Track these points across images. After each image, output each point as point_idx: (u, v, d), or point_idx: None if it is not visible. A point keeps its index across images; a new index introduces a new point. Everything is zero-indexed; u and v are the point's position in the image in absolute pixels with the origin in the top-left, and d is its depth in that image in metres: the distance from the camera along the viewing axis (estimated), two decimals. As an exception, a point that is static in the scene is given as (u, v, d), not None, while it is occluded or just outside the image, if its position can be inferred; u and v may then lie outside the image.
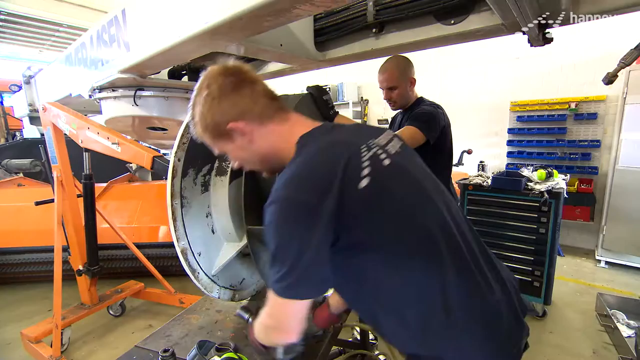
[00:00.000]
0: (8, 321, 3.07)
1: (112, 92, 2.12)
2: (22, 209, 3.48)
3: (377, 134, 0.93)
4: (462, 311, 0.79)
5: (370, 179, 0.77)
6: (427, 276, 0.79)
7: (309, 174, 0.78)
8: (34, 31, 7.21)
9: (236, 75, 0.86)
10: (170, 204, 1.25)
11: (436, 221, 0.83)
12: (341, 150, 0.81)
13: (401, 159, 0.88)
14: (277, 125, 0.89)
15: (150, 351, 1.32)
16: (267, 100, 0.88)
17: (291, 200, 0.74)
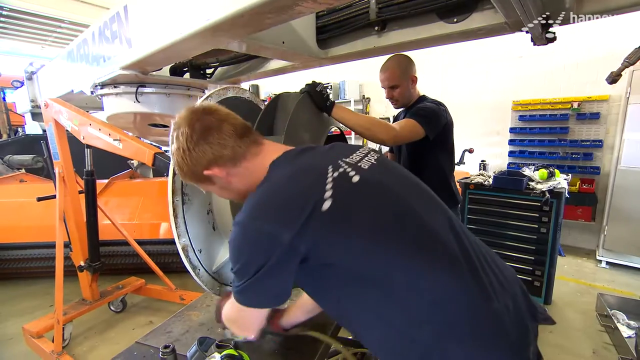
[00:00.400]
0: (10, 316, 3.09)
1: (113, 88, 2.11)
2: (24, 204, 3.50)
3: (350, 152, 0.94)
4: (456, 322, 0.76)
5: (332, 201, 0.77)
6: (410, 289, 0.77)
7: (272, 202, 0.80)
8: (36, 27, 7.21)
9: (201, 122, 0.87)
10: (172, 200, 1.26)
11: (418, 230, 0.82)
12: (306, 176, 0.83)
13: (374, 173, 0.88)
14: (249, 161, 0.91)
15: (151, 347, 1.33)
16: (236, 140, 0.88)
17: (253, 227, 0.77)
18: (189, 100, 2.29)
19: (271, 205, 0.79)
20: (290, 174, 0.85)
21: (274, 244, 0.74)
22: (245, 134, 0.90)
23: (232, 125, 0.89)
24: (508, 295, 0.83)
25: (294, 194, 0.79)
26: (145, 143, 1.85)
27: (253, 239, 0.77)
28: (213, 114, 0.89)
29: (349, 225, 0.77)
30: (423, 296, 0.77)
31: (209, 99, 1.40)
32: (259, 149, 0.92)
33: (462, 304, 0.77)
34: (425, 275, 0.77)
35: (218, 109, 0.91)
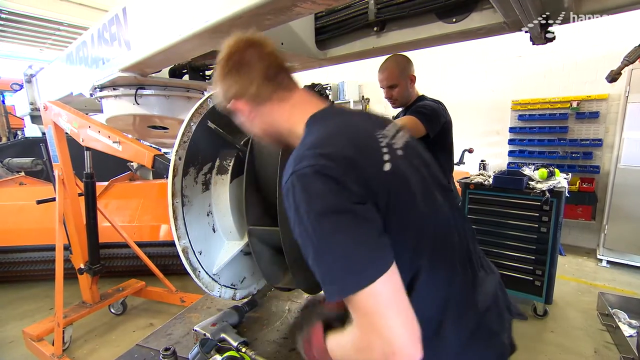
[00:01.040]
0: (10, 319, 3.08)
1: (113, 90, 2.11)
2: (23, 207, 3.49)
3: (384, 124, 0.89)
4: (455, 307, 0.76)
5: (391, 165, 0.72)
6: (429, 273, 0.74)
7: (329, 146, 0.72)
8: (35, 30, 7.22)
9: (239, 54, 0.85)
10: (171, 202, 1.25)
11: (438, 219, 0.81)
12: (359, 130, 0.80)
13: (409, 151, 0.84)
14: (274, 105, 0.87)
15: (152, 350, 1.32)
16: (264, 80, 0.85)
17: (314, 172, 0.66)
18: (188, 102, 2.28)
19: (330, 150, 0.70)
20: (342, 126, 0.80)
21: (343, 186, 0.65)
22: (277, 77, 0.86)
23: (266, 65, 0.85)
24: (492, 285, 0.87)
25: (352, 143, 0.73)
26: (145, 145, 1.84)
27: (319, 183, 0.65)
28: (254, 48, 0.85)
29: (401, 194, 0.72)
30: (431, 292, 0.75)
31: (208, 101, 1.39)
32: (287, 95, 0.88)
33: (455, 291, 0.77)
34: (436, 276, 0.75)
35: (262, 44, 0.86)
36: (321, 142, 0.74)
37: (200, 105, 1.36)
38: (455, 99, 5.25)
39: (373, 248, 0.63)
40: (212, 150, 1.45)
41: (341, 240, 0.62)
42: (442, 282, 0.76)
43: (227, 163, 1.46)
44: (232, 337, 1.24)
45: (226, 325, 1.33)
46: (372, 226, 0.65)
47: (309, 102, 0.89)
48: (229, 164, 1.45)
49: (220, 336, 1.25)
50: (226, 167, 1.46)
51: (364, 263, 0.61)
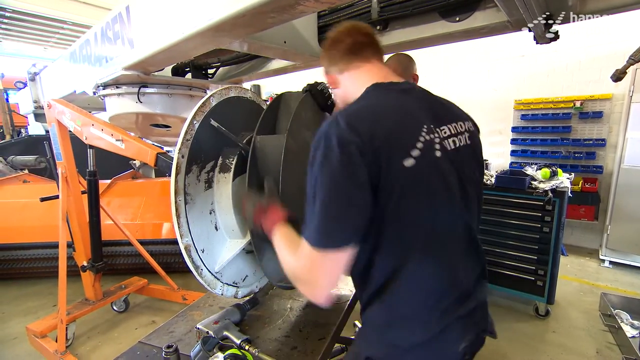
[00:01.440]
0: (14, 316, 3.10)
1: (116, 89, 2.12)
2: (27, 205, 3.51)
3: (448, 121, 0.91)
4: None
5: (415, 162, 0.77)
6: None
7: (365, 121, 0.78)
8: (38, 28, 7.25)
9: (339, 34, 0.99)
10: (174, 200, 1.25)
11: (445, 223, 0.84)
12: (406, 116, 0.84)
13: (453, 158, 0.86)
14: (350, 73, 0.99)
15: (154, 347, 1.33)
16: (347, 55, 0.98)
17: (338, 140, 0.74)
18: (190, 100, 2.29)
19: (366, 119, 0.78)
20: (393, 104, 0.86)
21: (352, 150, 0.72)
22: (352, 53, 0.97)
23: (352, 41, 0.97)
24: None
25: (389, 124, 0.79)
26: (148, 143, 1.85)
27: (334, 140, 0.74)
28: (346, 32, 0.99)
29: (417, 192, 0.78)
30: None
31: (211, 100, 1.40)
32: (362, 64, 0.98)
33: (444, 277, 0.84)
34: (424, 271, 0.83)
35: (364, 33, 0.99)
36: (362, 113, 0.81)
37: (203, 103, 1.36)
38: (457, 98, 5.17)
39: (345, 229, 0.74)
40: (214, 148, 1.45)
41: (327, 206, 0.74)
42: (429, 277, 0.82)
43: (229, 161, 1.46)
44: (234, 335, 1.25)
45: (228, 323, 1.33)
46: (356, 211, 0.74)
47: (380, 72, 0.97)
48: (232, 162, 1.46)
49: (223, 334, 1.25)
50: (229, 165, 1.46)
51: (331, 233, 0.74)
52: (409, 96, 0.91)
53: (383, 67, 1.00)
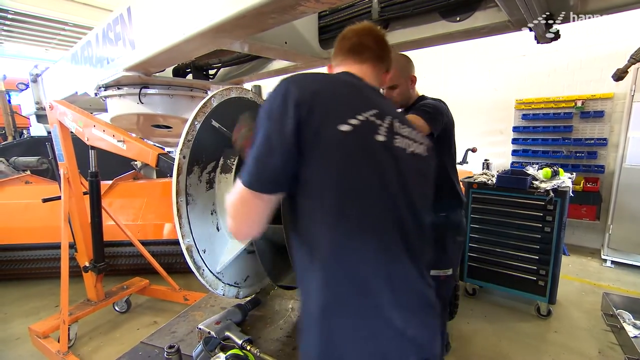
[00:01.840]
0: (16, 317, 3.11)
1: (117, 90, 2.13)
2: (29, 206, 3.52)
3: (408, 126, 0.95)
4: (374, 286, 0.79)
5: (352, 129, 0.80)
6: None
7: (319, 82, 0.85)
8: (40, 30, 7.28)
9: (350, 32, 1.04)
10: (176, 201, 1.26)
11: (374, 200, 0.83)
12: (357, 96, 0.89)
13: (401, 155, 0.88)
14: (340, 69, 1.04)
15: (156, 347, 1.33)
16: (347, 52, 1.03)
17: (281, 89, 0.81)
18: (191, 101, 2.30)
19: (312, 79, 0.86)
20: (348, 81, 0.94)
21: (291, 102, 0.78)
22: (350, 53, 1.03)
23: (351, 43, 1.03)
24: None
25: (339, 89, 0.87)
26: (149, 144, 1.85)
27: (280, 93, 0.80)
28: (359, 36, 1.02)
29: (344, 162, 0.80)
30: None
31: (212, 101, 1.40)
32: (355, 64, 1.02)
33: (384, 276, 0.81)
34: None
35: (373, 36, 1.03)
36: (316, 78, 0.87)
37: (204, 104, 1.36)
38: (458, 98, 5.23)
39: (266, 174, 0.79)
40: (216, 149, 1.46)
41: (257, 150, 0.79)
42: (354, 254, 0.80)
43: (231, 162, 1.47)
44: (236, 335, 1.25)
45: (230, 323, 1.34)
46: (278, 158, 0.78)
47: (365, 72, 1.01)
48: (233, 162, 1.46)
49: (225, 334, 1.26)
50: (230, 165, 1.46)
51: (256, 175, 0.79)
52: (373, 91, 0.98)
53: (372, 71, 1.02)
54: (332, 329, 0.78)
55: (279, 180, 0.80)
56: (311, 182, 0.80)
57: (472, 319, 2.89)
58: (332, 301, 0.79)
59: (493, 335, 2.67)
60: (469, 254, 3.15)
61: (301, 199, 0.82)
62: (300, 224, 0.84)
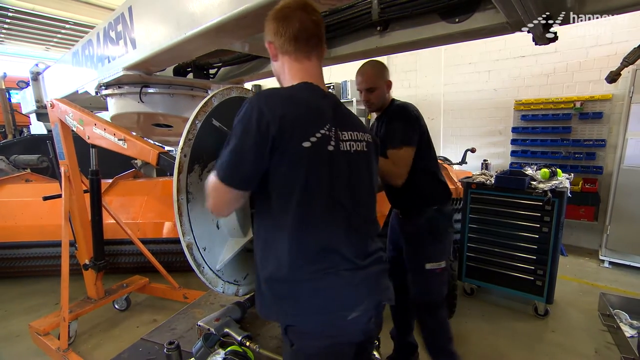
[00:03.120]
0: (16, 314, 3.12)
1: (118, 89, 2.14)
2: (30, 203, 3.53)
3: (349, 128, 1.10)
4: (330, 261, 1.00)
5: (311, 145, 0.98)
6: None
7: (287, 103, 0.99)
8: (41, 28, 7.29)
9: (289, 9, 1.04)
10: (177, 199, 1.27)
11: (324, 198, 1.02)
12: (316, 113, 1.03)
13: (346, 156, 1.07)
14: (286, 63, 1.10)
15: (156, 344, 1.35)
16: (292, 41, 1.06)
17: (258, 105, 0.96)
18: (192, 100, 2.31)
19: (280, 102, 0.99)
20: (306, 100, 1.05)
21: (264, 123, 0.93)
22: (308, 41, 1.07)
23: (301, 27, 1.05)
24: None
25: (301, 111, 1.01)
26: (150, 143, 1.86)
27: (255, 111, 0.95)
28: (302, 11, 1.04)
29: (305, 169, 0.98)
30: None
31: (213, 100, 1.41)
32: (304, 60, 1.09)
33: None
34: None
35: (311, 11, 1.06)
36: (284, 99, 1.01)
37: (205, 103, 1.37)
38: (458, 99, 5.25)
39: (237, 174, 0.97)
40: (216, 147, 1.46)
41: (232, 152, 0.96)
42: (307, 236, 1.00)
43: (231, 161, 1.48)
44: (235, 332, 1.26)
45: (229, 320, 1.35)
46: (249, 165, 0.96)
47: (315, 73, 1.12)
48: (233, 161, 1.47)
49: (224, 331, 1.27)
50: (230, 164, 1.47)
51: (228, 172, 0.97)
52: (325, 100, 1.09)
53: (319, 67, 1.13)
54: (299, 279, 0.99)
55: (249, 180, 0.99)
56: (283, 181, 0.99)
57: (469, 319, 2.90)
58: (297, 258, 0.99)
59: (490, 334, 2.69)
60: (467, 253, 3.16)
61: (274, 192, 1.01)
62: (274, 208, 1.02)
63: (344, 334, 1.01)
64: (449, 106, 5.38)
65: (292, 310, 1.00)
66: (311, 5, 1.06)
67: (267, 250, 1.04)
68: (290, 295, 1.00)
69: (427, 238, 1.90)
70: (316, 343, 1.00)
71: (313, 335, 1.00)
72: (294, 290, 0.99)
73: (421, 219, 1.90)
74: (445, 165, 4.10)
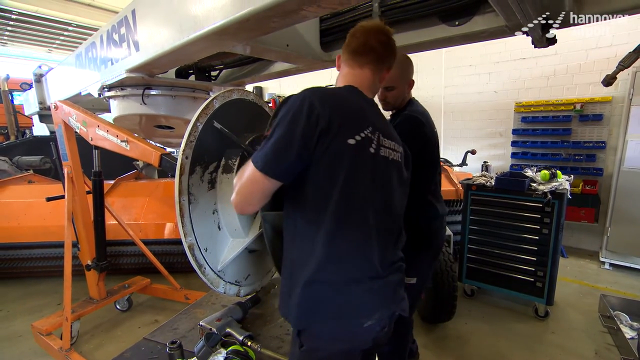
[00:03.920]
0: (19, 314, 3.14)
1: (120, 90, 2.16)
2: (32, 204, 3.55)
3: (389, 137, 1.13)
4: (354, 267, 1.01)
5: (356, 142, 1.00)
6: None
7: (336, 100, 1.03)
8: (43, 30, 7.34)
9: (359, 30, 1.14)
10: (178, 200, 1.29)
11: (358, 201, 1.02)
12: (361, 114, 1.07)
13: (384, 162, 1.09)
14: (346, 68, 1.18)
15: (158, 343, 1.36)
16: (352, 53, 1.15)
17: (306, 101, 0.97)
18: (194, 102, 2.33)
19: (329, 97, 1.02)
20: (352, 100, 1.09)
21: (314, 115, 0.95)
22: (355, 55, 1.15)
23: (357, 43, 1.13)
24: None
25: (347, 109, 1.04)
26: (152, 144, 1.88)
27: (305, 104, 0.96)
28: (365, 37, 1.12)
29: (346, 167, 0.98)
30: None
31: (214, 102, 1.43)
32: (356, 67, 1.16)
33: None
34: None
35: (378, 40, 1.12)
36: (334, 96, 1.05)
37: (206, 105, 1.39)
38: (458, 101, 5.27)
39: (279, 165, 0.96)
40: (217, 149, 1.49)
41: (276, 143, 0.95)
42: (343, 242, 1.00)
43: (232, 162, 1.49)
44: (237, 332, 1.27)
45: (231, 320, 1.36)
46: (292, 156, 0.95)
47: (360, 80, 1.16)
48: (234, 163, 1.49)
49: (226, 331, 1.28)
50: (231, 166, 1.49)
51: (270, 163, 0.95)
52: (368, 105, 1.13)
53: (370, 78, 1.16)
54: (324, 280, 0.99)
55: (289, 172, 0.97)
56: (322, 177, 0.98)
57: (470, 320, 2.91)
58: (327, 261, 0.98)
59: (491, 335, 2.69)
60: (468, 255, 3.17)
61: (310, 188, 1.00)
62: (308, 206, 1.01)
63: (356, 340, 1.02)
64: (449, 108, 5.39)
65: (310, 312, 0.99)
66: (383, 28, 1.13)
67: (295, 247, 1.04)
68: (311, 297, 0.99)
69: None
70: (328, 347, 1.00)
71: (326, 339, 1.00)
72: (317, 292, 0.98)
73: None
74: (446, 167, 4.11)
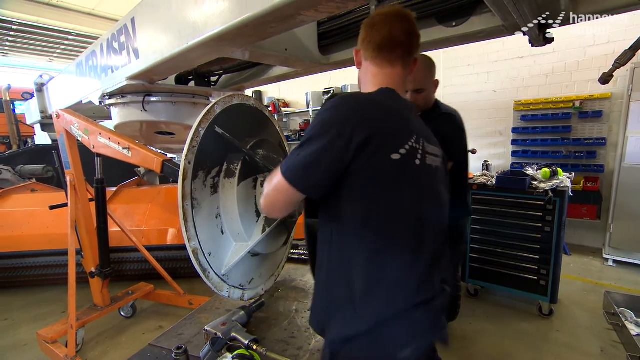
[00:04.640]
0: (23, 323, 3.14)
1: (121, 98, 2.18)
2: (35, 213, 3.57)
3: (432, 142, 1.04)
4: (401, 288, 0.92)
5: (401, 157, 0.90)
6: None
7: (376, 110, 0.93)
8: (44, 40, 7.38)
9: (378, 18, 1.03)
10: (182, 205, 1.29)
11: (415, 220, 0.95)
12: (403, 124, 0.97)
13: (429, 171, 1.00)
14: (368, 67, 1.07)
15: (164, 349, 1.36)
16: (378, 48, 1.02)
17: (345, 105, 0.90)
18: (194, 107, 2.34)
19: (368, 106, 0.93)
20: (392, 107, 0.98)
21: (349, 126, 0.86)
22: (382, 51, 1.02)
23: (382, 36, 1.01)
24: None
25: (389, 119, 0.94)
26: (153, 151, 1.89)
27: (340, 114, 0.89)
28: (389, 27, 1.00)
29: (390, 186, 0.91)
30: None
31: (215, 107, 1.44)
32: (385, 65, 1.04)
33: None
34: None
35: (403, 29, 1.01)
36: (374, 105, 0.95)
37: (208, 111, 1.40)
38: (457, 100, 5.27)
39: (306, 179, 0.90)
40: (219, 154, 1.50)
41: (306, 156, 0.88)
42: (392, 262, 0.92)
43: (234, 167, 1.50)
44: (242, 336, 1.28)
45: (236, 324, 1.37)
46: (322, 172, 0.89)
47: (396, 81, 1.04)
48: (236, 167, 1.50)
49: (231, 335, 1.29)
50: (233, 170, 1.50)
51: (297, 175, 0.90)
52: (410, 112, 1.04)
53: (402, 76, 1.05)
54: (365, 305, 0.90)
55: (317, 188, 0.92)
56: (363, 195, 0.90)
57: (474, 319, 2.90)
58: (370, 287, 0.90)
59: (495, 335, 2.69)
60: (471, 254, 3.17)
61: (349, 206, 0.92)
62: (346, 225, 0.94)
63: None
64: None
65: (345, 337, 0.91)
66: (406, 14, 1.02)
67: (335, 269, 0.96)
68: (351, 321, 0.91)
69: None
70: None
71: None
72: (357, 318, 0.90)
73: None
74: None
